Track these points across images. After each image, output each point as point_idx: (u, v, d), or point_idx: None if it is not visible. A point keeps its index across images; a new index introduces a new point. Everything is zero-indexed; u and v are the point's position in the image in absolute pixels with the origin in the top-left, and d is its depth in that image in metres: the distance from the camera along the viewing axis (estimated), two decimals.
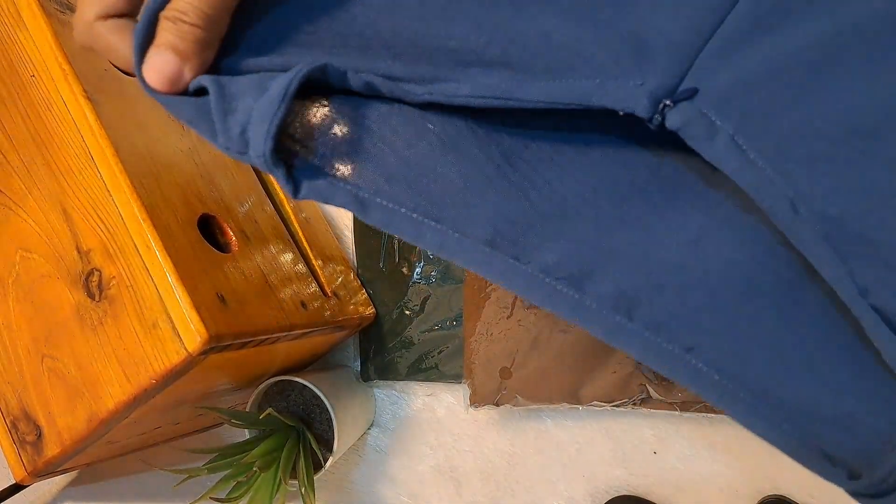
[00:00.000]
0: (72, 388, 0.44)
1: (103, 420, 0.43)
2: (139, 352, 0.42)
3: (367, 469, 0.65)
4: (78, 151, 0.44)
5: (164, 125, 0.50)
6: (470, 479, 0.62)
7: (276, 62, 0.30)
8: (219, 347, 0.42)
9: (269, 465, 0.51)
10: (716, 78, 0.30)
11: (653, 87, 0.30)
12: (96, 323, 0.43)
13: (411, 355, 0.63)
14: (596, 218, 0.33)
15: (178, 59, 0.27)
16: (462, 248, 0.30)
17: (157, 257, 0.42)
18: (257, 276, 0.49)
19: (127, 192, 0.43)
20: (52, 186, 0.44)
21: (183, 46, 0.27)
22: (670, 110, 0.30)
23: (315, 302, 0.53)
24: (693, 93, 0.29)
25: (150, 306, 0.42)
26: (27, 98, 0.45)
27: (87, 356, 0.43)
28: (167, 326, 0.41)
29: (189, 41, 0.27)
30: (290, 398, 0.58)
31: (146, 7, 0.27)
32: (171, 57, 0.27)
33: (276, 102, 0.27)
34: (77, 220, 0.44)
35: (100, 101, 0.45)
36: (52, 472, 0.47)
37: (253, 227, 0.52)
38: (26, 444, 0.44)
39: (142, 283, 0.42)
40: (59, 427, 0.44)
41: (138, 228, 0.42)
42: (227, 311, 0.43)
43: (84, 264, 0.43)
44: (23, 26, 0.45)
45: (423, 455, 0.64)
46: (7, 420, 0.45)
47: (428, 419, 0.64)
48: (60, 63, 0.44)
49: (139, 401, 0.43)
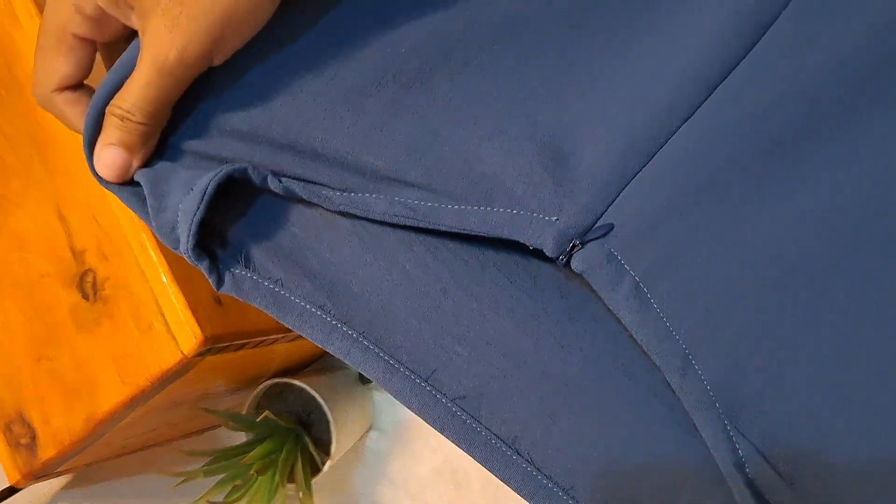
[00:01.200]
0: (68, 390, 0.43)
1: (99, 422, 0.43)
2: (135, 353, 0.42)
3: (366, 472, 0.65)
4: (74, 152, 0.43)
5: None
6: (470, 482, 0.62)
7: (208, 148, 0.31)
8: (215, 349, 0.42)
9: (267, 467, 0.51)
10: (634, 216, 0.29)
11: (563, 226, 0.29)
12: (92, 324, 0.43)
13: None
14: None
15: (126, 154, 0.30)
16: (366, 358, 0.31)
17: (153, 258, 0.41)
18: None
19: None
20: (48, 187, 0.44)
21: (130, 141, 0.29)
22: (578, 251, 0.30)
23: None
24: (608, 230, 0.29)
25: (145, 307, 0.41)
26: (24, 98, 0.45)
27: (83, 357, 0.43)
28: (163, 328, 0.41)
29: (135, 136, 0.29)
30: (288, 400, 0.58)
31: (92, 101, 0.29)
32: (119, 152, 0.30)
33: (196, 204, 0.29)
34: (72, 221, 0.43)
35: None
36: (48, 474, 0.46)
37: None
38: (21, 447, 0.44)
39: (137, 285, 0.41)
40: (55, 429, 0.44)
41: (134, 229, 0.42)
42: (224, 312, 0.43)
43: (79, 265, 0.43)
44: (19, 26, 0.44)
45: (422, 457, 0.63)
46: (1, 423, 0.45)
47: None
48: None
49: (135, 402, 0.43)
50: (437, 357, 0.32)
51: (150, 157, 0.31)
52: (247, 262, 0.33)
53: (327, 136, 0.31)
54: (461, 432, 0.31)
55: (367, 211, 0.32)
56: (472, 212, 0.31)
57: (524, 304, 0.33)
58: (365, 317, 0.32)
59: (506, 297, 0.33)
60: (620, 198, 0.30)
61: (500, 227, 0.30)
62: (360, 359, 0.31)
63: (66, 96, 0.30)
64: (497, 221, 0.30)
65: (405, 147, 0.31)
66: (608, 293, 0.30)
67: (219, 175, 0.29)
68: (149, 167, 0.31)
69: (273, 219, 0.34)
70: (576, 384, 0.32)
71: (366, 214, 0.32)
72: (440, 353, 0.32)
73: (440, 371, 0.32)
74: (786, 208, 0.29)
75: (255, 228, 0.34)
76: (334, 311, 0.32)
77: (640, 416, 0.32)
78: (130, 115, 0.29)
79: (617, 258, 0.30)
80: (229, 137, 0.31)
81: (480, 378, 0.32)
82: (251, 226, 0.34)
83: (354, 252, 0.34)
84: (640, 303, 0.29)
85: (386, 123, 0.31)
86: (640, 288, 0.29)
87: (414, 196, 0.31)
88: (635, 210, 0.29)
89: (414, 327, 0.32)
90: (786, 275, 0.28)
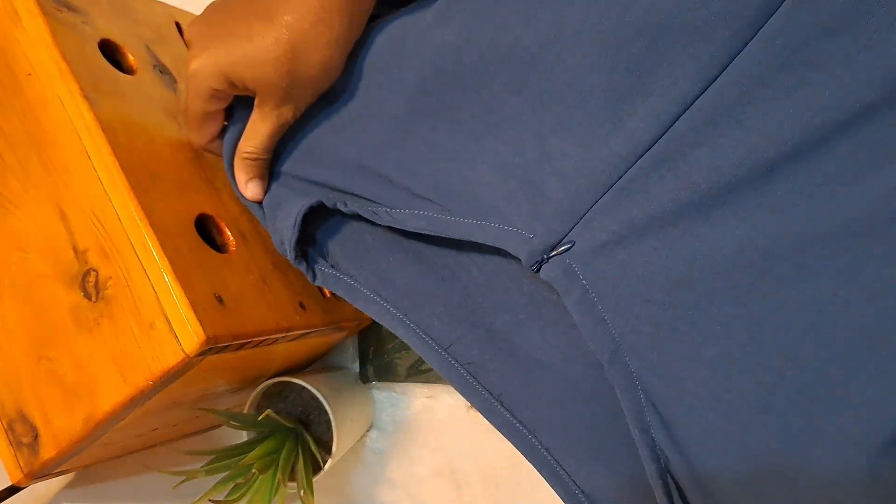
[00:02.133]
0: (68, 390, 0.43)
1: (100, 422, 0.43)
2: (136, 353, 0.41)
3: (367, 471, 0.65)
4: (74, 151, 0.43)
5: (162, 124, 0.50)
6: (470, 482, 0.62)
7: (301, 173, 0.47)
8: (216, 349, 0.42)
9: (268, 466, 0.51)
10: (590, 236, 0.37)
11: (535, 243, 0.38)
12: (93, 324, 0.43)
13: (411, 356, 0.63)
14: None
15: (261, 181, 0.48)
16: (407, 333, 0.46)
17: (154, 257, 0.41)
18: (255, 276, 0.48)
19: (124, 192, 0.42)
20: (48, 186, 0.44)
21: (262, 172, 0.47)
22: (545, 263, 0.38)
23: (314, 302, 0.53)
24: (569, 247, 0.38)
25: (146, 307, 0.41)
26: (23, 96, 0.45)
27: (83, 357, 0.43)
28: (164, 327, 0.41)
29: (264, 168, 0.47)
30: (289, 400, 0.58)
31: (225, 150, 0.47)
32: (258, 182, 0.47)
33: (291, 229, 0.45)
34: (73, 220, 0.43)
35: (97, 100, 0.44)
36: (49, 473, 0.46)
37: (251, 226, 0.51)
38: (23, 446, 0.44)
39: (139, 284, 0.41)
40: (55, 429, 0.43)
41: (135, 228, 0.42)
42: (225, 312, 0.43)
43: (81, 264, 0.43)
44: (19, 24, 0.44)
45: (422, 457, 0.63)
46: (3, 422, 0.45)
47: (428, 421, 0.63)
48: (57, 61, 0.44)
49: (136, 402, 0.43)
50: (452, 334, 0.45)
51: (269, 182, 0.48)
52: (332, 263, 0.49)
53: (382, 163, 0.44)
54: (463, 387, 0.44)
55: (402, 223, 0.43)
56: (475, 225, 0.41)
57: (515, 299, 0.46)
58: (406, 304, 0.46)
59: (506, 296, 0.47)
60: (580, 224, 0.37)
61: (494, 239, 0.40)
62: (403, 333, 0.46)
63: (216, 142, 0.48)
64: (493, 234, 0.40)
65: (428, 174, 0.42)
66: (564, 298, 0.38)
67: (303, 208, 0.45)
68: (267, 194, 0.48)
69: (349, 229, 0.49)
70: (543, 361, 0.44)
71: (401, 226, 0.43)
72: (456, 331, 0.45)
73: (455, 344, 0.45)
74: (717, 233, 0.36)
75: (337, 236, 0.49)
76: (388, 298, 0.47)
77: (592, 389, 0.42)
78: (259, 155, 0.46)
79: (574, 270, 0.38)
80: (317, 166, 0.46)
81: (480, 352, 0.45)
82: (334, 234, 0.49)
83: (398, 257, 0.48)
84: (586, 306, 0.38)
85: (421, 156, 0.43)
86: (588, 293, 0.38)
87: (431, 210, 0.42)
88: (593, 230, 0.37)
89: (441, 312, 0.46)
90: (702, 294, 0.36)
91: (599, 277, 0.37)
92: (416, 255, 0.48)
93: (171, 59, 0.55)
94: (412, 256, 0.48)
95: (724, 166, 0.35)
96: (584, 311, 0.38)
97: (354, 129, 0.44)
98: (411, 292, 0.46)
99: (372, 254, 0.48)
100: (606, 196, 0.37)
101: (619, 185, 0.37)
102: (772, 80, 0.33)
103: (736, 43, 0.34)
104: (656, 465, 0.36)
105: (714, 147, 0.35)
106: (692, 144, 0.35)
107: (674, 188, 0.36)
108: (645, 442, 0.36)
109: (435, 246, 0.48)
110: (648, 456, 0.36)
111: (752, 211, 0.34)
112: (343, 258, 0.48)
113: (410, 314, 0.45)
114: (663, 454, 0.36)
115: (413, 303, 0.46)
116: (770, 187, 0.34)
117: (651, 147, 0.36)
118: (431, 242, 0.48)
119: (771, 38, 0.33)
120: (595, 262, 0.37)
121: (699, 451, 0.35)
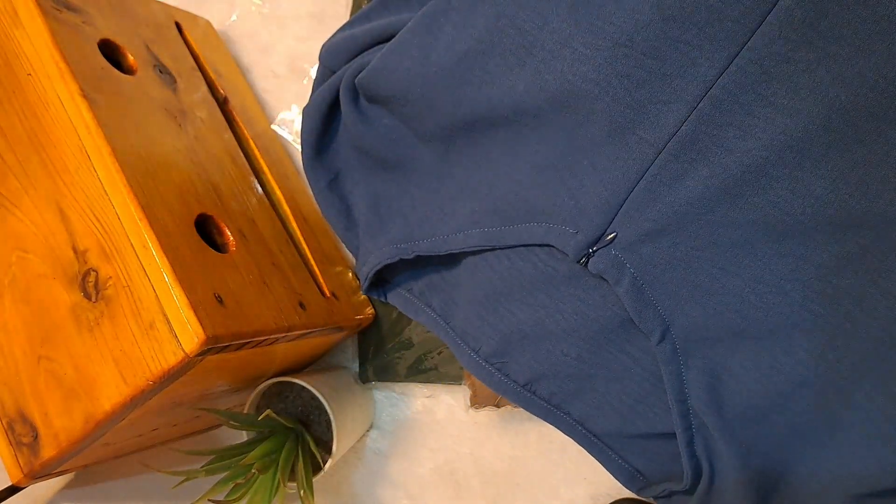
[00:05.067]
0: (68, 390, 0.43)
1: (100, 422, 0.43)
2: (136, 353, 0.41)
3: (367, 471, 0.65)
4: (74, 150, 0.43)
5: (161, 124, 0.50)
6: (470, 482, 0.62)
7: (390, 235, 0.53)
8: (216, 349, 0.42)
9: (268, 466, 0.51)
10: (632, 226, 0.39)
11: (580, 238, 0.40)
12: (93, 324, 0.43)
13: (411, 356, 0.63)
14: None
15: None
16: (447, 338, 0.54)
17: (154, 257, 0.41)
18: (255, 276, 0.48)
19: (124, 192, 0.42)
20: (48, 186, 0.44)
21: None
22: (592, 257, 0.40)
23: (314, 302, 0.53)
24: (613, 237, 0.39)
25: (146, 307, 0.41)
26: (23, 96, 0.45)
27: (83, 357, 0.43)
28: (164, 327, 0.41)
29: None
30: (289, 400, 0.58)
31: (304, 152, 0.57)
32: None
33: (364, 279, 0.55)
34: (73, 220, 0.43)
35: (96, 100, 0.44)
36: (49, 473, 0.46)
37: (251, 226, 0.51)
38: (23, 446, 0.44)
39: (139, 284, 0.41)
40: (55, 429, 0.43)
41: (135, 228, 0.42)
42: (225, 312, 0.43)
43: (80, 264, 0.43)
44: (19, 24, 0.44)
45: (422, 457, 0.63)
46: (3, 421, 0.45)
47: (427, 421, 0.63)
48: (57, 61, 0.44)
49: (136, 402, 0.42)
50: (478, 338, 0.50)
51: None
52: (408, 288, 0.56)
53: (441, 200, 0.49)
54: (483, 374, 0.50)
55: (462, 247, 0.46)
56: (525, 228, 0.43)
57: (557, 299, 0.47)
58: (453, 312, 0.53)
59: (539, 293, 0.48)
60: (620, 215, 0.39)
61: (543, 237, 0.42)
62: (443, 338, 0.53)
63: None
64: (541, 234, 0.42)
65: (485, 193, 0.45)
66: (615, 287, 0.40)
67: (375, 268, 0.53)
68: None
69: (419, 265, 0.55)
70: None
71: (461, 249, 0.47)
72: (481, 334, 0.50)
73: (483, 347, 0.50)
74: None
75: (410, 271, 0.56)
76: (438, 309, 0.54)
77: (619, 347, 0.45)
78: None
79: (621, 260, 0.40)
80: (392, 219, 0.53)
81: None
82: (407, 269, 0.56)
83: (457, 273, 0.52)
84: (636, 293, 0.40)
85: (468, 176, 0.47)
86: (636, 281, 0.40)
87: (484, 227, 0.45)
88: (632, 222, 0.39)
89: (475, 323, 0.50)
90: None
91: (647, 264, 0.39)
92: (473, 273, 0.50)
93: (171, 59, 0.55)
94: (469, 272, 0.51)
95: (754, 148, 0.35)
96: (635, 297, 0.40)
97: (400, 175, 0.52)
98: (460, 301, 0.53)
99: (437, 278, 0.54)
100: (641, 184, 0.38)
101: (652, 172, 0.37)
102: (794, 55, 0.33)
103: (751, 19, 0.33)
104: (686, 433, 0.41)
105: (742, 128, 0.35)
106: (720, 125, 0.35)
107: (707, 174, 0.36)
108: (680, 412, 0.40)
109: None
110: (680, 423, 0.40)
111: (786, 197, 0.35)
112: (417, 283, 0.55)
113: (450, 321, 0.53)
114: (697, 419, 0.40)
115: (452, 312, 0.54)
116: (802, 173, 0.34)
117: (678, 131, 0.36)
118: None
119: (789, 11, 0.33)
120: (641, 251, 0.39)
121: (737, 413, 0.39)
